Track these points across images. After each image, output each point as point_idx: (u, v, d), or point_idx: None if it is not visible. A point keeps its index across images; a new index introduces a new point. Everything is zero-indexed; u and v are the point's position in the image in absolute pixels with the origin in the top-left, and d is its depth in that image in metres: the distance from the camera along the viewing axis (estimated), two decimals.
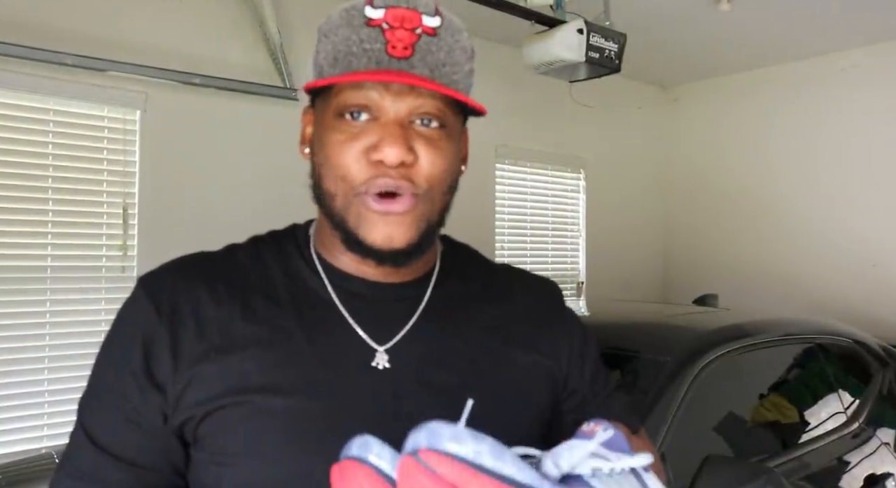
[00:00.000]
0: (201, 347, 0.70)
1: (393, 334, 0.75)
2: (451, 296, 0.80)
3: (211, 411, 0.69)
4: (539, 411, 0.80)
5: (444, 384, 0.74)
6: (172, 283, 0.74)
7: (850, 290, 4.22)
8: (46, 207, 2.70)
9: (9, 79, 2.57)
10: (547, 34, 2.96)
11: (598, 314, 2.53)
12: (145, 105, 2.88)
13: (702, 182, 5.03)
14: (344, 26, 0.70)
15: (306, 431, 0.69)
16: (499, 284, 0.86)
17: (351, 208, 0.71)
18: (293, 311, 0.74)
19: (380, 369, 0.73)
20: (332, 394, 0.70)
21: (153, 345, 0.71)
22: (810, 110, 4.47)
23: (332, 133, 0.70)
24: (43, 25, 2.65)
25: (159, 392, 0.70)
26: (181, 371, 0.70)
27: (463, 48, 0.73)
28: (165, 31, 2.96)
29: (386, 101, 0.69)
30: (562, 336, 0.84)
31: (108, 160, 2.84)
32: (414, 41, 0.69)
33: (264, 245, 0.81)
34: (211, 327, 0.72)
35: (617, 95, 4.74)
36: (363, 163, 0.69)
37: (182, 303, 0.72)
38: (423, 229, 0.72)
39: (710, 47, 4.29)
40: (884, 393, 2.32)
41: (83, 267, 2.77)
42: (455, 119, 0.74)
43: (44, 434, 2.67)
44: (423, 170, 0.70)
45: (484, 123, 3.38)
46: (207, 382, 0.69)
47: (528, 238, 4.40)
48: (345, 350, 0.73)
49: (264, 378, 0.70)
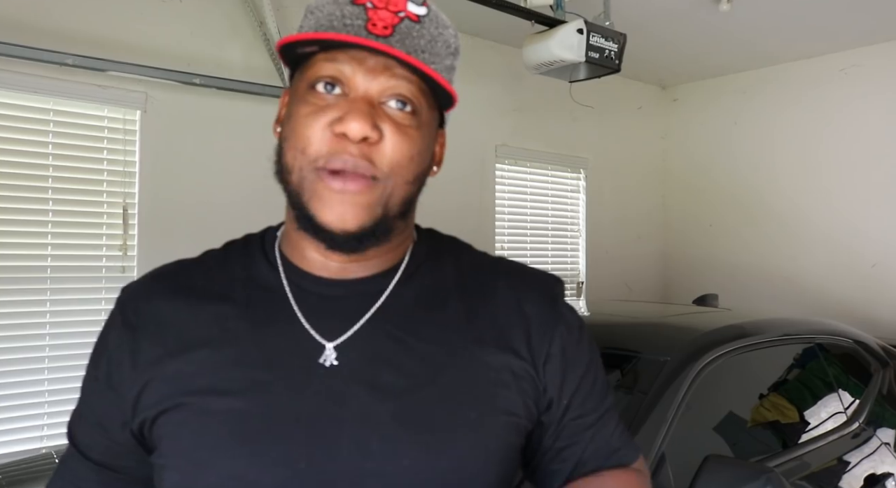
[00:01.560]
0: (158, 351, 0.72)
1: (344, 330, 0.72)
2: (417, 292, 0.76)
3: (160, 413, 0.70)
4: (509, 417, 0.73)
5: (391, 385, 0.70)
6: (141, 292, 0.77)
7: (849, 290, 4.22)
8: (46, 207, 2.70)
9: (9, 79, 2.57)
10: (547, 34, 2.96)
11: (598, 314, 2.53)
12: (145, 105, 2.88)
13: (702, 182, 5.03)
14: (329, 3, 0.70)
15: (243, 434, 0.67)
16: (480, 279, 0.79)
17: (305, 183, 0.68)
18: (245, 311, 0.74)
19: (326, 366, 0.70)
20: (273, 394, 0.69)
21: (116, 351, 0.74)
22: (810, 110, 4.47)
23: (301, 105, 0.69)
24: (43, 26, 2.65)
25: (119, 396, 0.73)
26: (138, 374, 0.72)
27: (446, 42, 0.72)
28: (165, 32, 2.96)
29: (358, 77, 0.68)
30: (544, 337, 0.76)
31: (109, 160, 2.84)
32: (396, 23, 0.68)
33: (234, 247, 0.81)
34: (169, 332, 0.73)
35: (617, 95, 4.74)
36: (326, 136, 0.67)
37: (146, 311, 0.75)
38: (379, 215, 0.69)
39: (710, 47, 4.29)
40: (884, 393, 2.32)
41: (83, 267, 2.77)
42: (429, 112, 0.72)
43: (44, 434, 2.67)
44: (385, 151, 0.68)
45: (484, 123, 3.41)
46: (160, 385, 0.71)
47: (528, 238, 4.40)
48: (292, 347, 0.71)
49: (208, 379, 0.70)
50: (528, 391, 0.75)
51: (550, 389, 0.76)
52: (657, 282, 5.18)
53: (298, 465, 0.67)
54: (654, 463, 1.47)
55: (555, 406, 0.77)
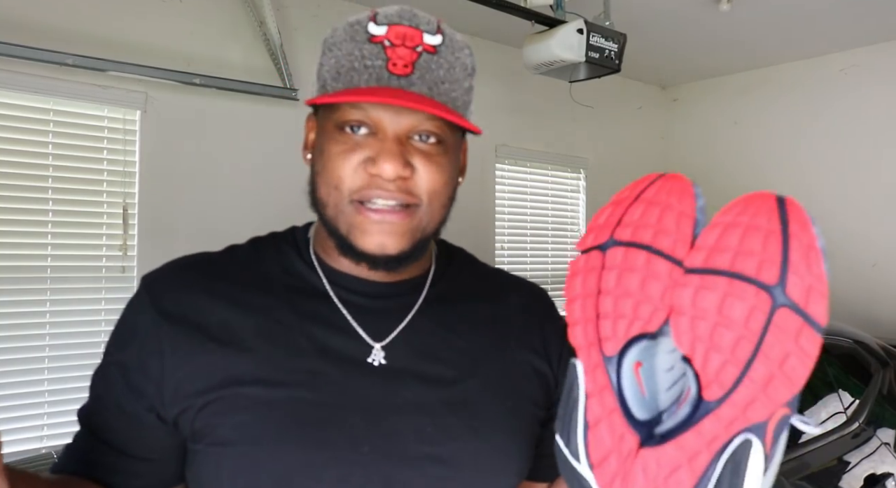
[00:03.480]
0: (198, 339, 0.72)
1: (389, 331, 0.76)
2: (446, 295, 0.82)
3: (209, 402, 0.70)
4: (535, 408, 0.81)
5: (441, 376, 0.75)
6: (172, 281, 0.76)
7: (849, 290, 4.22)
8: (46, 207, 2.70)
9: (9, 79, 2.57)
10: (547, 34, 2.96)
11: None
12: (145, 105, 2.88)
13: (701, 181, 4.91)
14: (348, 41, 0.71)
15: (306, 422, 0.69)
16: (493, 286, 0.87)
17: (341, 217, 0.72)
18: (290, 306, 0.75)
19: (375, 365, 0.74)
20: (331, 387, 0.71)
21: (150, 339, 0.73)
22: (809, 110, 4.47)
23: (332, 144, 0.72)
24: (43, 26, 2.65)
25: (151, 383, 0.72)
26: (178, 363, 0.71)
27: (463, 65, 0.74)
28: (165, 32, 2.96)
29: (385, 119, 0.70)
30: (553, 338, 0.85)
31: (108, 160, 2.84)
32: (414, 59, 0.70)
33: (263, 245, 0.82)
34: (208, 320, 0.73)
35: (617, 95, 4.75)
36: (359, 175, 0.70)
37: (180, 299, 0.74)
38: (418, 239, 0.73)
39: (710, 47, 4.29)
40: (884, 392, 2.32)
41: (83, 267, 2.77)
42: (453, 134, 0.75)
43: (44, 434, 2.66)
44: (421, 183, 0.72)
45: (484, 123, 3.39)
46: (204, 373, 0.71)
47: (527, 238, 4.40)
48: (342, 345, 0.74)
49: (262, 368, 0.71)
50: (545, 385, 0.83)
51: (562, 383, 0.83)
52: None
53: (362, 449, 0.70)
54: None
55: None
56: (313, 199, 0.75)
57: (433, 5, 3.53)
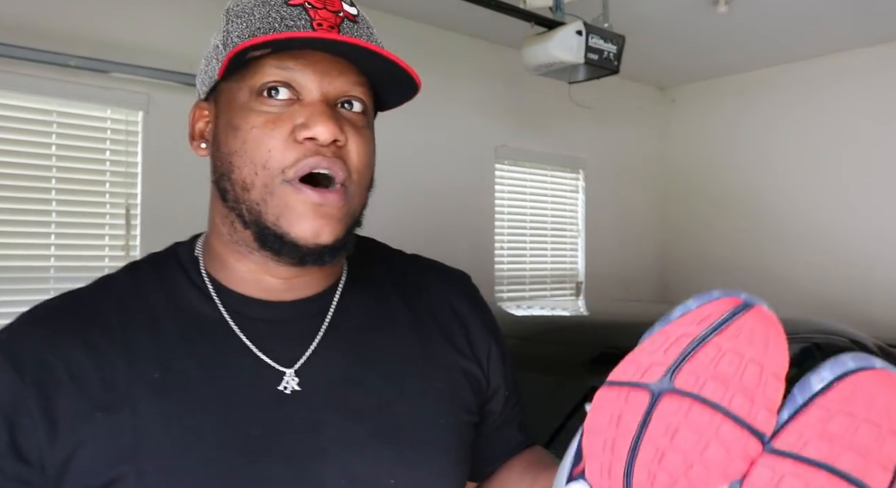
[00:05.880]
0: (83, 406, 0.61)
1: (300, 354, 0.68)
2: (359, 306, 0.74)
3: (109, 481, 0.60)
4: (468, 414, 0.75)
5: (362, 404, 0.67)
6: (34, 337, 0.64)
7: (844, 291, 4.25)
8: (49, 208, 2.71)
9: (12, 80, 2.59)
10: (546, 36, 2.98)
11: (598, 314, 2.55)
12: (147, 106, 2.89)
13: (700, 182, 5.05)
14: (259, 6, 0.65)
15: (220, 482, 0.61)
16: (411, 282, 0.79)
17: (272, 199, 0.63)
18: (183, 345, 0.65)
19: (288, 393, 0.65)
20: (244, 437, 0.63)
21: (19, 415, 0.61)
22: (808, 111, 4.49)
23: (250, 115, 0.64)
24: (46, 27, 2.67)
25: (33, 468, 0.61)
26: (61, 438, 0.60)
27: (377, 42, 0.68)
28: (167, 33, 2.98)
29: (312, 81, 0.64)
30: (480, 333, 0.79)
31: (111, 161, 2.86)
32: (338, 22, 0.64)
33: (143, 273, 0.72)
34: (91, 381, 0.62)
35: (615, 96, 4.76)
36: (290, 145, 0.63)
37: (50, 359, 0.62)
38: (350, 226, 0.67)
39: (708, 49, 4.31)
40: None
41: (86, 267, 2.79)
42: (372, 112, 0.71)
43: None
44: (352, 155, 0.65)
45: (484, 124, 3.44)
46: (96, 447, 0.60)
47: (527, 238, 4.41)
48: (248, 379, 0.65)
49: (166, 433, 0.61)
50: (476, 387, 0.77)
51: (493, 381, 0.79)
52: (656, 282, 5.20)
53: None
54: None
55: (499, 395, 0.81)
56: (226, 186, 0.66)
57: (433, 7, 3.54)
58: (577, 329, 2.24)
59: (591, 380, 1.68)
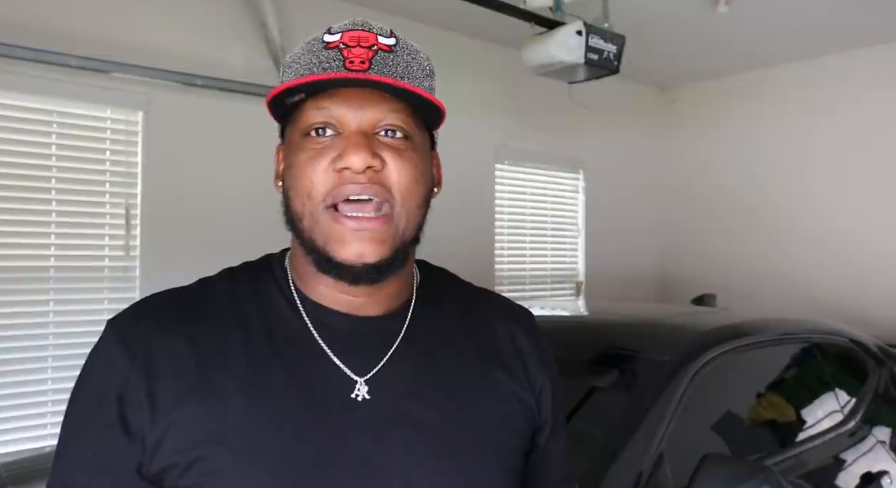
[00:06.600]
0: (179, 391, 0.68)
1: (372, 366, 0.74)
2: (429, 327, 0.79)
3: (195, 459, 0.67)
4: (521, 441, 0.80)
5: (425, 420, 0.73)
6: (144, 326, 0.72)
7: (845, 291, 4.25)
8: (49, 208, 2.71)
9: (12, 80, 2.59)
10: (546, 36, 2.98)
11: (598, 314, 2.54)
12: (147, 106, 2.89)
13: (699, 182, 5.05)
14: (305, 54, 0.72)
15: (293, 474, 0.67)
16: (478, 312, 0.85)
17: (318, 227, 0.70)
18: (271, 348, 0.72)
19: (359, 401, 0.71)
20: (317, 436, 0.69)
21: (128, 392, 0.69)
22: (807, 111, 4.49)
23: (299, 153, 0.71)
24: (46, 27, 2.67)
25: (135, 441, 0.68)
26: (159, 417, 0.67)
27: (420, 65, 0.74)
28: (168, 33, 2.98)
29: (347, 115, 0.70)
30: (539, 367, 0.84)
31: (111, 161, 2.86)
32: (371, 56, 0.70)
33: (238, 279, 0.78)
34: (188, 369, 0.69)
35: (615, 96, 4.76)
36: (330, 176, 0.69)
37: (156, 346, 0.70)
38: (397, 245, 0.72)
39: (708, 49, 4.31)
40: (880, 391, 2.34)
41: (86, 267, 2.79)
42: (421, 134, 0.75)
43: (47, 433, 2.68)
44: (392, 176, 0.70)
45: (484, 124, 3.43)
46: (187, 428, 0.67)
47: (527, 238, 4.41)
48: (325, 383, 0.72)
49: (246, 421, 0.68)
50: (529, 417, 0.81)
51: (544, 413, 0.84)
52: (655, 281, 5.20)
53: None
54: (653, 463, 1.49)
55: (546, 428, 0.85)
56: (289, 218, 0.73)
57: (433, 7, 3.54)
58: (576, 329, 2.23)
59: (591, 381, 1.68)
